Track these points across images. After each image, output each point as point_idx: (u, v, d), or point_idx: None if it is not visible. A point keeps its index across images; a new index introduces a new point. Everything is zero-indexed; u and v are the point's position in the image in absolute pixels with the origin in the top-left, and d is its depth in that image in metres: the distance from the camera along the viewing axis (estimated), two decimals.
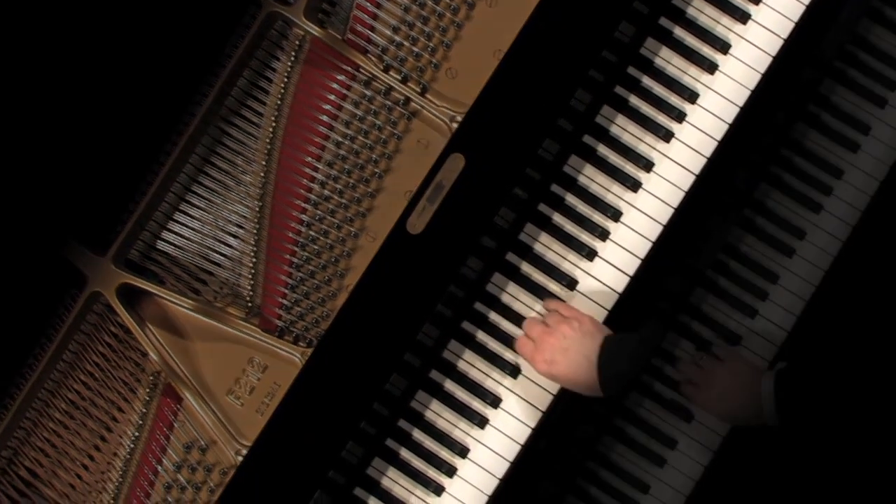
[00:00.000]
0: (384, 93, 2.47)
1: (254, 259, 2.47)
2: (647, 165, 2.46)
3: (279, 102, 2.48)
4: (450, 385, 2.48)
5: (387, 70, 2.47)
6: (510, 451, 2.45)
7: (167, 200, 2.50)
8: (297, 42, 2.48)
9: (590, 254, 2.46)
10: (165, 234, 2.51)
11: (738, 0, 2.48)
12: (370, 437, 2.45)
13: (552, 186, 2.48)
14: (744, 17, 2.47)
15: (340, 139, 2.47)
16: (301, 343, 2.45)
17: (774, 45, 2.46)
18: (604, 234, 2.46)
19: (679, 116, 2.46)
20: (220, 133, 2.50)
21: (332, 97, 2.48)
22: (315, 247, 2.47)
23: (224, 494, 2.38)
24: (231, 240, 2.49)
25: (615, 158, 2.48)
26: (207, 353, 2.47)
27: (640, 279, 2.47)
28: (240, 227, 2.49)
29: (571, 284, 2.46)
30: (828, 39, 2.65)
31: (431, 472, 2.46)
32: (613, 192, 2.47)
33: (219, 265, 2.50)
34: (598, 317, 2.43)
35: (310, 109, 2.48)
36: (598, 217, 2.47)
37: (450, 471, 2.45)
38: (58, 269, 2.47)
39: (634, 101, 2.48)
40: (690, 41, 2.49)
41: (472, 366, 2.48)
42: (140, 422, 2.45)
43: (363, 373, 2.37)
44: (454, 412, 2.47)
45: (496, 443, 2.45)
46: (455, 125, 2.42)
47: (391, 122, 2.47)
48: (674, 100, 2.48)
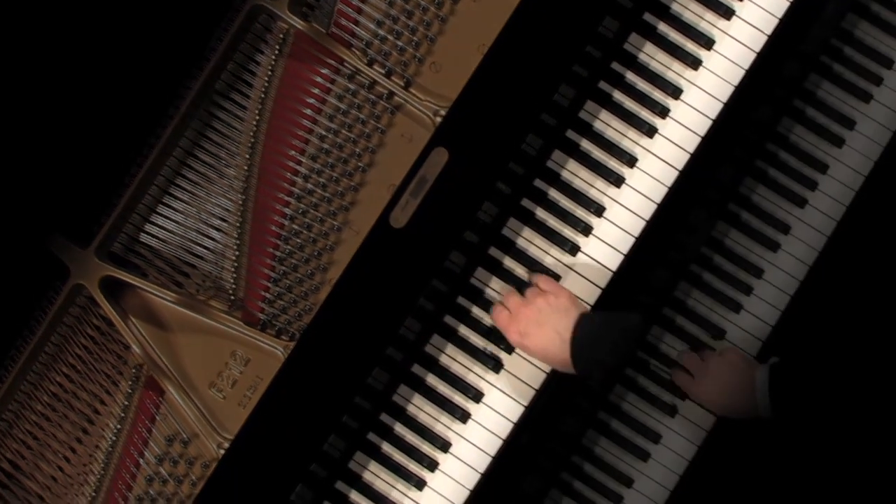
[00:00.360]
0: (368, 87, 2.47)
1: (237, 252, 2.47)
2: (631, 161, 2.46)
3: (263, 96, 2.47)
4: (432, 379, 2.48)
5: (371, 64, 2.47)
6: (492, 446, 2.45)
7: (150, 193, 2.50)
8: (282, 35, 2.48)
9: (573, 249, 2.46)
10: (148, 227, 2.51)
11: None
12: (352, 431, 2.46)
13: (535, 181, 2.48)
14: (728, 13, 2.47)
15: (324, 133, 2.47)
16: (284, 336, 2.45)
17: (758, 42, 2.46)
18: (587, 230, 2.46)
19: (662, 112, 2.46)
20: (204, 126, 2.49)
21: (316, 91, 2.48)
22: (298, 240, 2.47)
23: (206, 487, 2.38)
24: (214, 233, 2.49)
25: (598, 153, 2.48)
26: (190, 346, 2.47)
27: (624, 274, 2.47)
28: (223, 221, 2.49)
29: (554, 279, 2.45)
30: (813, 34, 2.64)
31: (413, 466, 2.46)
32: (596, 188, 2.47)
33: (202, 258, 2.50)
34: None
35: (293, 103, 2.48)
36: (582, 212, 2.47)
37: (431, 465, 2.45)
38: (41, 262, 2.47)
39: (618, 97, 2.48)
40: (674, 37, 2.48)
41: (455, 360, 2.48)
42: (122, 414, 2.46)
43: (345, 367, 2.37)
44: (436, 406, 2.47)
45: (478, 437, 2.45)
46: (439, 119, 2.42)
47: (375, 116, 2.47)
48: (657, 95, 2.47)
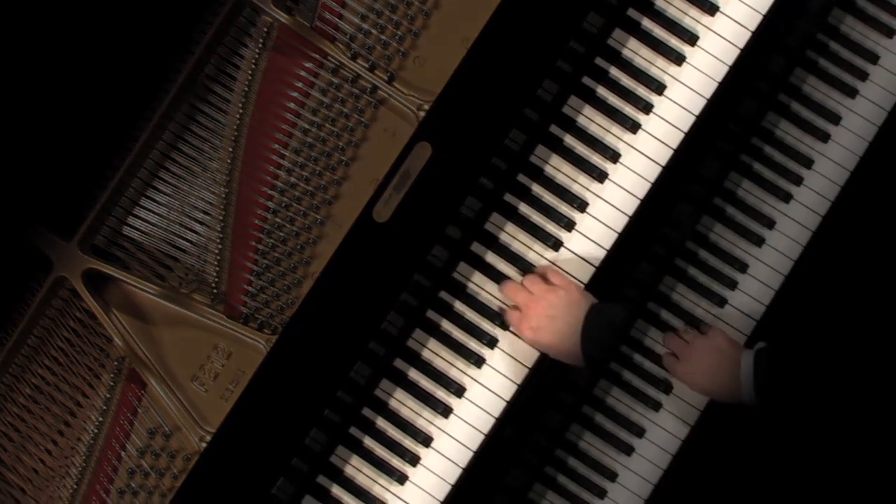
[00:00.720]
0: (352, 81, 2.46)
1: (219, 245, 2.47)
2: (614, 156, 2.46)
3: (247, 89, 2.47)
4: (414, 374, 2.48)
5: (354, 58, 2.46)
6: (474, 440, 2.45)
7: (134, 186, 2.50)
8: (266, 29, 2.47)
9: (556, 244, 2.46)
10: (132, 220, 2.50)
11: None
12: (334, 425, 2.46)
13: (518, 176, 2.48)
14: (712, 9, 2.46)
15: (307, 126, 2.47)
16: (266, 330, 2.45)
17: (742, 37, 2.46)
18: (570, 225, 2.46)
19: (646, 108, 2.46)
20: (187, 119, 2.49)
21: (300, 84, 2.47)
22: (281, 234, 2.47)
23: (187, 480, 2.38)
24: (197, 226, 2.49)
25: (582, 149, 2.48)
26: (172, 340, 2.47)
27: (607, 269, 2.47)
28: (206, 214, 2.49)
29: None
30: (799, 29, 2.63)
31: (395, 461, 2.47)
32: (580, 183, 2.47)
33: (185, 251, 2.50)
34: None
35: (277, 97, 2.47)
36: (565, 207, 2.47)
37: (413, 459, 2.46)
38: (23, 254, 2.47)
39: (602, 92, 2.48)
40: (658, 32, 2.48)
41: (437, 355, 2.48)
42: (104, 407, 2.46)
43: (327, 360, 2.37)
44: (418, 401, 2.47)
45: (460, 432, 2.46)
46: (422, 114, 2.41)
47: (358, 110, 2.46)
48: (641, 91, 2.47)
